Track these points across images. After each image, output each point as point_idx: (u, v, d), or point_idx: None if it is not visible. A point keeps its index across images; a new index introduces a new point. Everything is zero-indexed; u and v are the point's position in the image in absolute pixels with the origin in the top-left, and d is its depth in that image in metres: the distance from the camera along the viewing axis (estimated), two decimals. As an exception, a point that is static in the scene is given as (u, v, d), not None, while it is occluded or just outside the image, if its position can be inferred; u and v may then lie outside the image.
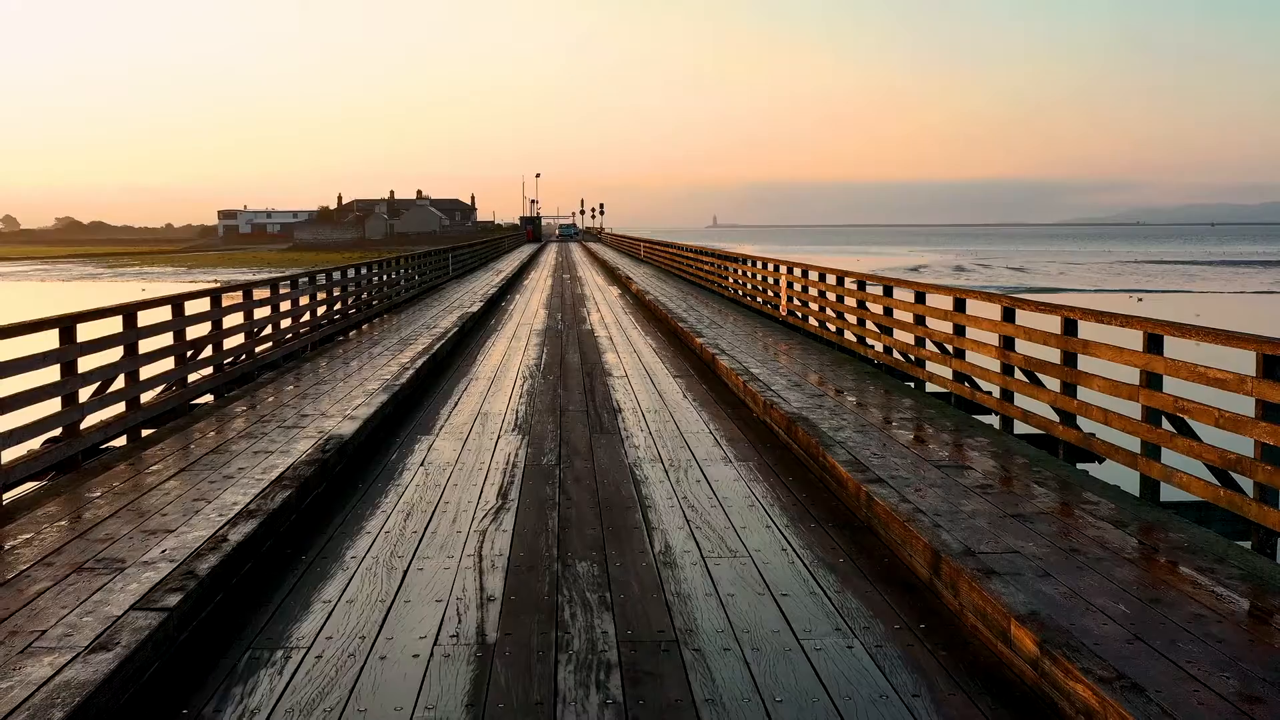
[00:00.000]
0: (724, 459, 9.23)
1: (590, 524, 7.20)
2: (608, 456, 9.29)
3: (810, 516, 7.43)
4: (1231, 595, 5.51)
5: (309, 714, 4.41)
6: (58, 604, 5.43)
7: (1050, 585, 5.53)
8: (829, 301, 16.78)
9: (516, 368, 15.06)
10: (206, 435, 9.73)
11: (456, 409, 11.75)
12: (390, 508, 7.65)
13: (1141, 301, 54.71)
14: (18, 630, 5.09)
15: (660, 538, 6.87)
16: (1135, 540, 6.47)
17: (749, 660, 4.93)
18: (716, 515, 7.39)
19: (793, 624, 5.38)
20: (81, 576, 5.87)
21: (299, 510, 7.45)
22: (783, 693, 4.59)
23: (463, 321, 20.09)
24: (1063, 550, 6.17)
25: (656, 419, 11.05)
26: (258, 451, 8.91)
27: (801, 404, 10.80)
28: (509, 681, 4.71)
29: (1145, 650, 4.74)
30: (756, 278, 23.23)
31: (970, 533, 6.39)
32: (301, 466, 8.11)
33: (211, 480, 7.94)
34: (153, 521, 6.89)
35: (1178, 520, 7.06)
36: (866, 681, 4.71)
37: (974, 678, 4.79)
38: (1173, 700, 4.17)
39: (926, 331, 12.31)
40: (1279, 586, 5.66)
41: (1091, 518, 6.91)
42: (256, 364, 13.81)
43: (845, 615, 5.52)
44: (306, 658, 4.99)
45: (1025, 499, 7.33)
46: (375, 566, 6.31)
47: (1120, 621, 5.07)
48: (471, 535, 6.92)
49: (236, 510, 6.99)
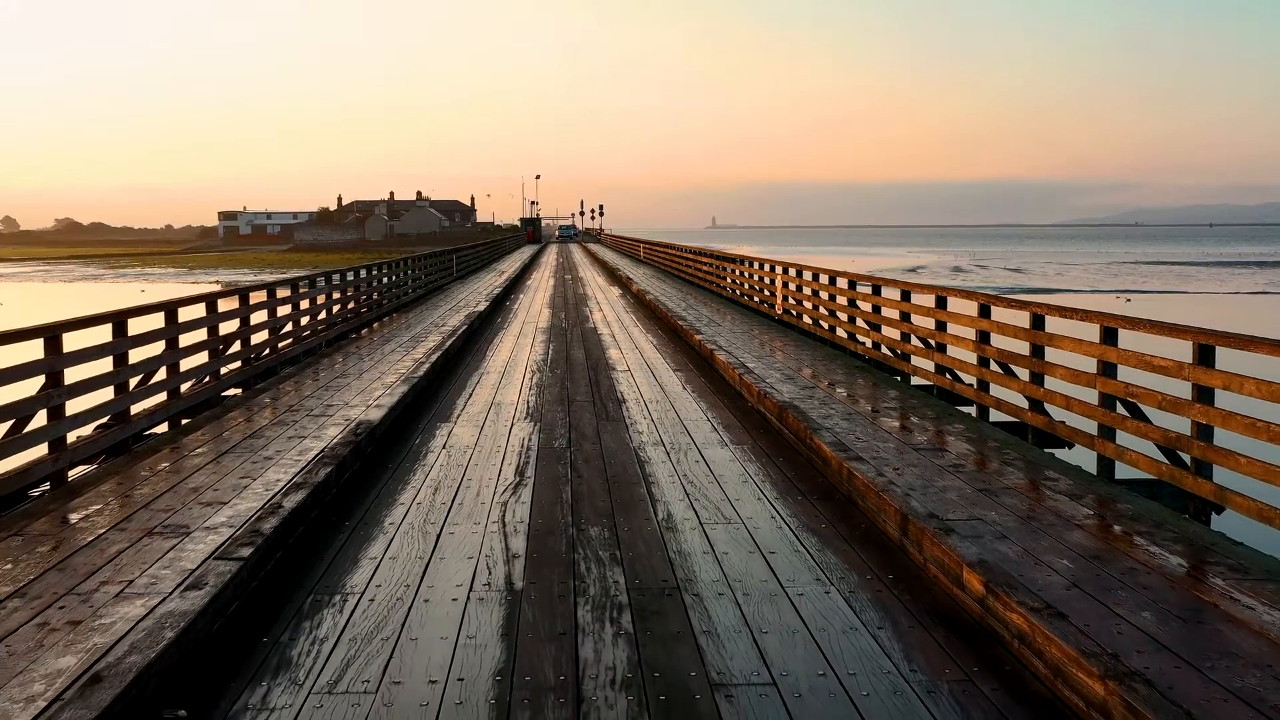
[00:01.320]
0: (720, 442, 10.05)
1: (600, 497, 8.02)
2: (614, 440, 10.11)
3: (798, 490, 8.26)
4: (1164, 554, 6.32)
5: (369, 642, 5.23)
6: (138, 560, 6.23)
7: (1005, 545, 6.34)
8: (822, 300, 17.60)
9: (525, 363, 15.88)
10: (241, 423, 10.54)
11: (471, 400, 12.57)
12: (419, 483, 8.48)
13: (1130, 302, 55.52)
14: (108, 580, 5.89)
15: (663, 508, 7.70)
16: (1087, 510, 7.27)
17: (740, 603, 5.75)
18: (713, 489, 8.22)
19: (779, 575, 6.20)
20: (153, 539, 6.68)
21: (338, 485, 8.27)
22: (768, 626, 5.41)
23: (470, 320, 20.90)
24: (1020, 517, 6.98)
25: (658, 408, 11.87)
26: (291, 437, 9.71)
27: (793, 394, 11.61)
28: (536, 618, 5.53)
29: (1079, 594, 5.55)
30: (753, 278, 24.05)
31: (939, 503, 7.20)
32: (337, 448, 8.93)
33: (253, 461, 8.74)
34: (206, 495, 7.69)
35: (1128, 494, 7.87)
36: (840, 618, 5.53)
37: (931, 615, 5.61)
38: (1092, 626, 4.99)
39: (911, 327, 13.13)
40: (1205, 546, 6.47)
41: (1051, 492, 7.72)
42: (279, 359, 14.62)
43: (824, 569, 6.34)
44: (361, 600, 5.81)
45: (993, 476, 8.14)
46: (411, 531, 7.14)
47: (1062, 574, 5.88)
48: (494, 506, 7.75)
49: (284, 484, 7.81)
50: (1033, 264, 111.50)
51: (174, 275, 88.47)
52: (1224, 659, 4.67)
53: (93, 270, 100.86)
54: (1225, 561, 6.19)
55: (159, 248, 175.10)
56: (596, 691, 4.66)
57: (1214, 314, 48.04)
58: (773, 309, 21.25)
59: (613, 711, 4.48)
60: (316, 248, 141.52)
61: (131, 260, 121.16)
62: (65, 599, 5.56)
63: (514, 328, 21.41)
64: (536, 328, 21.25)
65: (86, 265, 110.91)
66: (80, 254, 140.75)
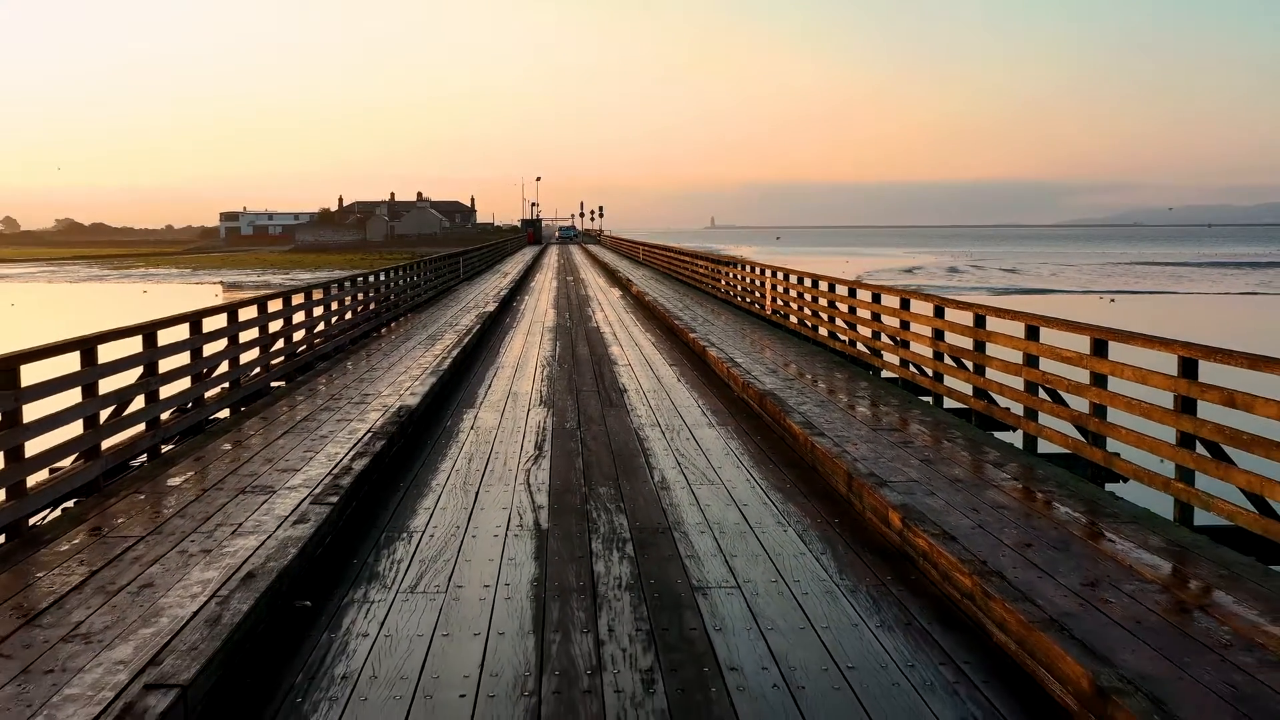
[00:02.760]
0: (708, 424, 11.73)
1: (606, 465, 9.69)
2: (617, 422, 11.78)
3: (770, 460, 9.93)
4: (1058, 506, 7.96)
5: (434, 562, 6.90)
6: (241, 510, 7.88)
7: (930, 498, 7.98)
8: (805, 301, 19.28)
9: (535, 358, 17.55)
10: (292, 410, 12.18)
11: (490, 390, 14.24)
12: (456, 455, 10.16)
13: (1114, 302, 57.19)
14: (222, 524, 7.53)
15: (658, 473, 9.37)
16: (1006, 475, 8.91)
17: (717, 538, 7.41)
18: (700, 460, 9.89)
19: (748, 519, 7.88)
20: (247, 496, 8.32)
21: (389, 456, 9.93)
22: (737, 553, 7.08)
23: (482, 320, 22.55)
24: (948, 480, 8.62)
25: (655, 396, 13.54)
26: (339, 420, 11.36)
27: (774, 385, 13.27)
28: (559, 547, 7.20)
29: (979, 531, 7.19)
30: (745, 280, 25.73)
31: (882, 469, 8.86)
32: (386, 426, 10.61)
33: (311, 439, 10.39)
34: (280, 464, 9.34)
35: (1046, 464, 9.51)
36: (792, 547, 7.20)
37: (862, 545, 7.29)
38: (977, 547, 6.64)
39: (881, 326, 14.81)
40: (1094, 500, 8.12)
41: (980, 461, 9.36)
42: (314, 354, 16.28)
43: (785, 515, 8.02)
44: (423, 536, 7.49)
45: (934, 450, 9.80)
46: (454, 490, 8.81)
47: (970, 518, 7.52)
48: (519, 472, 9.43)
49: (347, 454, 9.47)
50: (1029, 265, 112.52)
51: (178, 276, 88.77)
52: (1073, 570, 6.32)
53: (97, 271, 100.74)
54: (1105, 511, 7.84)
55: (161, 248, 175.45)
56: (608, 592, 6.33)
57: (1193, 315, 49.70)
58: (763, 310, 22.91)
59: (620, 603, 6.14)
60: (318, 248, 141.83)
61: (135, 261, 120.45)
62: (192, 536, 7.21)
63: (523, 326, 23.08)
64: (544, 327, 22.92)
65: (90, 266, 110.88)
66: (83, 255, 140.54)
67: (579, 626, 5.80)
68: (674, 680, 5.11)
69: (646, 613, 6.00)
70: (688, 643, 5.57)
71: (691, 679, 5.13)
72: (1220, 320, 48.04)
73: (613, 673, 5.19)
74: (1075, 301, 58.59)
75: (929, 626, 5.84)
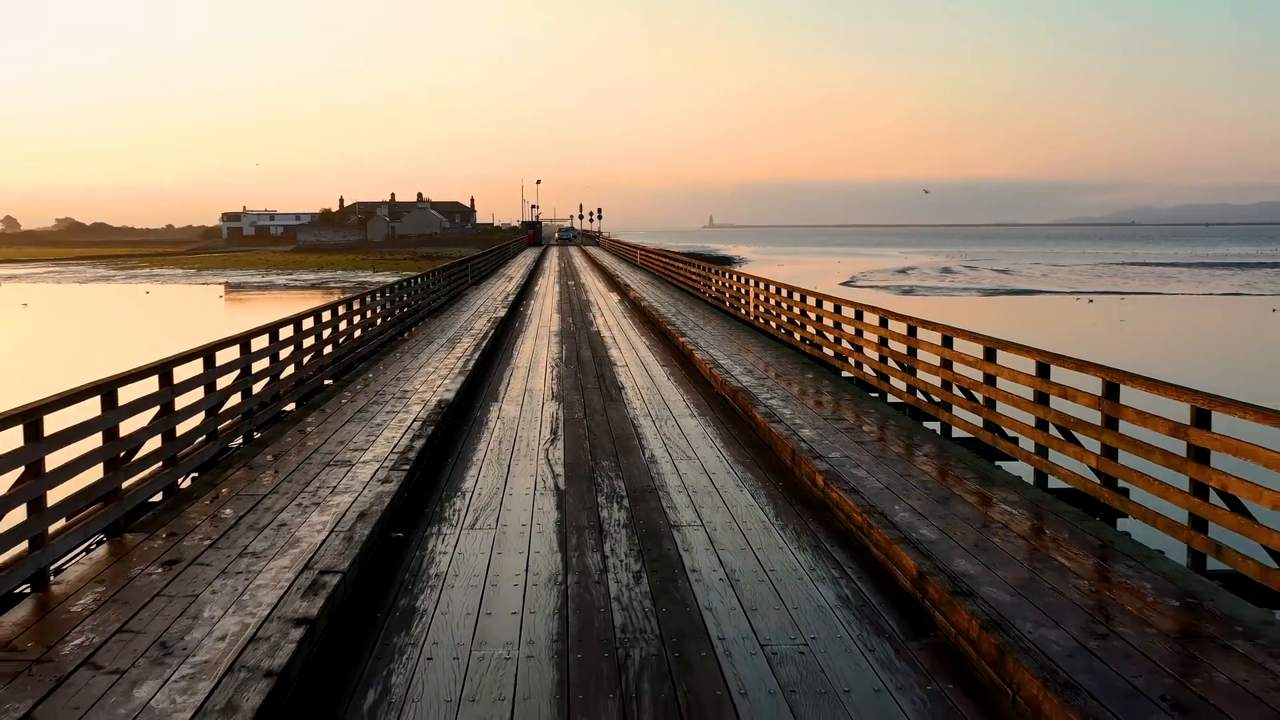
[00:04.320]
0: (690, 415, 14.36)
1: (607, 446, 12.31)
2: (616, 413, 14.40)
3: (737, 442, 12.56)
4: (959, 479, 10.54)
5: (483, 511, 9.53)
6: (331, 477, 10.46)
7: (857, 470, 10.55)
8: (783, 309, 21.89)
9: (545, 359, 20.18)
10: (346, 404, 14.75)
11: (509, 387, 16.87)
12: (489, 438, 12.80)
13: (1092, 302, 59.70)
14: (321, 486, 10.12)
15: (648, 451, 11.99)
16: (924, 455, 11.47)
17: (690, 495, 10.04)
18: (682, 441, 12.52)
19: (714, 483, 10.51)
20: (331, 468, 10.90)
21: (436, 439, 12.54)
22: (704, 505, 9.70)
23: (494, 324, 25.17)
24: (875, 456, 11.20)
25: (648, 393, 16.17)
26: (389, 411, 13.95)
27: (749, 383, 15.87)
28: (574, 500, 9.83)
29: (886, 492, 9.75)
30: (732, 288, 28.36)
31: (824, 448, 11.44)
32: (432, 414, 13.23)
33: (370, 426, 12.96)
34: (351, 446, 11.91)
35: (957, 447, 12.05)
36: (745, 499, 9.84)
37: (796, 500, 9.93)
38: (875, 495, 9.25)
39: (840, 333, 17.42)
40: (983, 470, 10.71)
41: (907, 446, 11.92)
42: (355, 357, 18.89)
43: (742, 481, 10.65)
44: (473, 494, 10.12)
45: (872, 435, 12.39)
46: (491, 463, 11.44)
47: (880, 480, 10.08)
48: (540, 450, 12.05)
49: (404, 436, 12.08)
50: (1022, 265, 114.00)
51: (183, 276, 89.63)
52: (941, 515, 8.91)
53: (103, 271, 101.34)
54: (994, 480, 10.44)
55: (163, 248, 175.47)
56: (609, 528, 8.95)
57: (1162, 317, 52.15)
58: (748, 315, 25.53)
59: (618, 535, 8.76)
60: (320, 249, 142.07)
61: (139, 262, 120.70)
62: (300, 496, 9.78)
63: (531, 331, 25.70)
64: (550, 331, 25.54)
65: (95, 266, 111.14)
66: (88, 255, 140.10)
67: (590, 548, 8.43)
68: (654, 577, 7.74)
69: (637, 540, 8.63)
70: (665, 556, 8.20)
71: (666, 576, 7.75)
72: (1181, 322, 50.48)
73: (614, 573, 7.82)
74: (1060, 301, 61.04)
75: (831, 548, 8.48)
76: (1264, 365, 35.16)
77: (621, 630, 6.73)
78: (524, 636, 6.64)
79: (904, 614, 7.10)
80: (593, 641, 6.56)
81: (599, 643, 6.54)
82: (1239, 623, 6.44)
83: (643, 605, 7.18)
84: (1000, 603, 6.70)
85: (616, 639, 6.58)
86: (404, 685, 5.99)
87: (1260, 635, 6.25)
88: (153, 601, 6.90)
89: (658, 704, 5.71)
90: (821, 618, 6.97)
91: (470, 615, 7.03)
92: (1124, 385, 8.97)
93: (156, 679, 5.75)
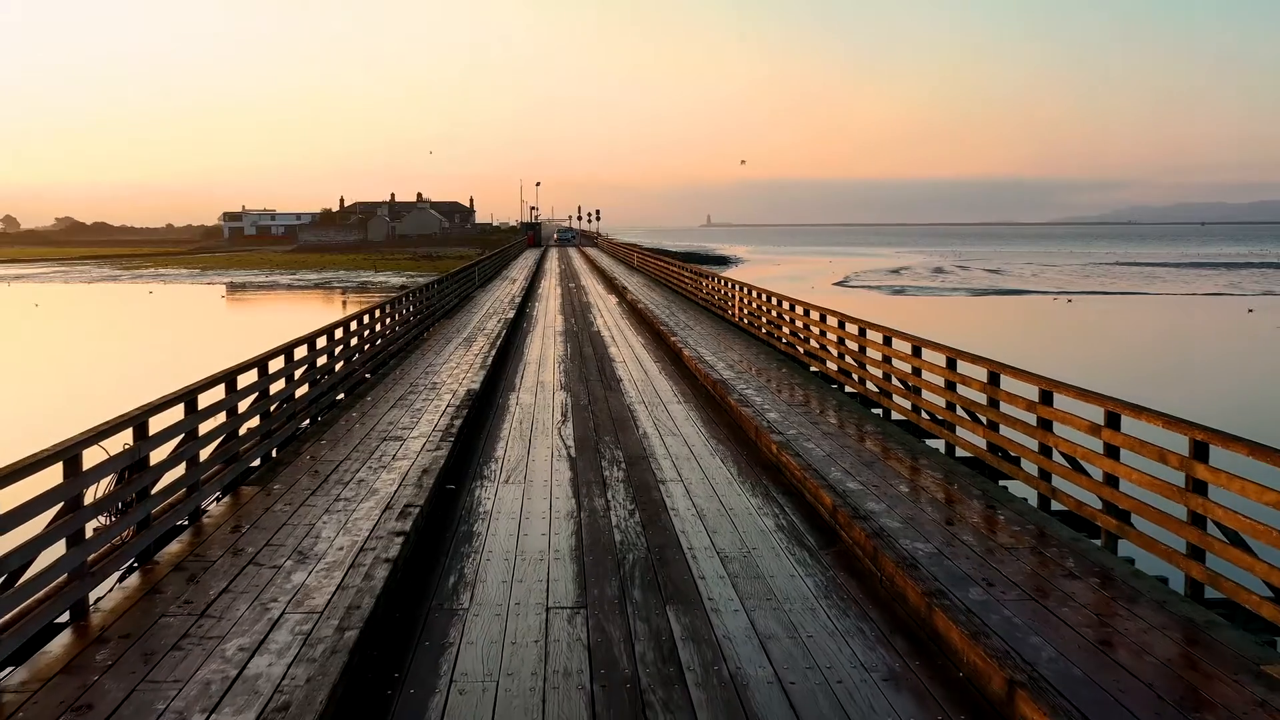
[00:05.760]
0: (677, 402, 17.18)
1: (608, 426, 15.12)
2: (615, 401, 17.21)
3: (715, 423, 15.39)
4: (884, 447, 13.34)
5: (514, 470, 12.35)
6: (389, 447, 13.25)
7: (806, 441, 13.34)
8: (764, 311, 24.70)
9: (552, 356, 22.99)
10: (386, 393, 17.54)
11: (523, 379, 19.69)
12: (511, 420, 15.62)
13: (1071, 303, 62.42)
14: (383, 455, 12.90)
15: (641, 429, 14.82)
16: (869, 433, 14.29)
17: (674, 461, 12.85)
18: (669, 422, 15.35)
19: (693, 451, 13.34)
20: (387, 442, 13.68)
21: (469, 419, 15.34)
22: (684, 468, 12.51)
23: (504, 325, 27.96)
24: (824, 432, 14.00)
25: (642, 384, 18.98)
26: (424, 400, 16.73)
27: (728, 376, 18.67)
28: (583, 465, 12.65)
29: (827, 458, 12.55)
30: (719, 291, 31.18)
31: (783, 427, 14.22)
32: (464, 401, 16.03)
33: (412, 410, 15.75)
34: (400, 425, 14.70)
35: (902, 433, 14.86)
36: (716, 462, 12.67)
37: (755, 464, 12.76)
38: (816, 461, 12.05)
39: (811, 333, 20.23)
40: (910, 445, 13.50)
41: (857, 427, 14.72)
42: (387, 354, 21.68)
43: (715, 451, 13.47)
44: (504, 460, 12.94)
45: (826, 418, 15.20)
46: (515, 438, 14.26)
47: (825, 451, 12.86)
48: (553, 428, 14.87)
49: (443, 416, 14.87)
50: (1013, 265, 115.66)
51: (188, 276, 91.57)
52: (867, 474, 11.69)
53: (109, 271, 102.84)
54: (919, 450, 13.25)
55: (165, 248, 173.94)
56: (611, 482, 11.77)
57: (1137, 314, 54.81)
58: (733, 316, 28.33)
59: (617, 488, 11.57)
60: (321, 248, 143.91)
61: (143, 261, 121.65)
62: (369, 461, 12.56)
63: (538, 331, 28.51)
64: (555, 331, 28.36)
65: (101, 266, 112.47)
66: (92, 255, 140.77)
67: (596, 495, 11.25)
68: (644, 513, 10.55)
69: (632, 491, 11.44)
70: (652, 501, 11.02)
71: (652, 513, 10.57)
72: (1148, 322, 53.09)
73: (614, 511, 10.63)
74: (1041, 301, 63.75)
75: (777, 495, 11.31)
76: (1210, 365, 37.86)
77: (620, 544, 9.55)
78: (551, 547, 9.46)
79: (821, 534, 9.93)
80: (600, 550, 9.38)
81: (604, 550, 9.37)
82: (1053, 540, 9.27)
83: (635, 530, 10.00)
84: (888, 527, 9.50)
85: (617, 548, 9.41)
86: (473, 573, 8.81)
87: (1051, 541, 9.07)
88: (283, 529, 9.68)
89: (645, 583, 8.52)
90: (762, 537, 9.80)
91: (512, 535, 9.86)
92: (1004, 375, 11.80)
93: (305, 570, 8.54)
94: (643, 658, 7.05)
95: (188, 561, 8.77)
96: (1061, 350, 39.23)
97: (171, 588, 8.10)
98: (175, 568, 8.61)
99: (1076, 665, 6.52)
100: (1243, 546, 7.48)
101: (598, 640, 7.34)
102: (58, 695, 6.25)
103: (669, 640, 7.34)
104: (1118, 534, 9.14)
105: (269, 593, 7.96)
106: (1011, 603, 7.61)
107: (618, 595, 8.24)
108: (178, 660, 6.71)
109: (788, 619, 7.73)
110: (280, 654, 6.79)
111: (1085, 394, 9.97)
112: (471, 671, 6.88)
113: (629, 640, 7.33)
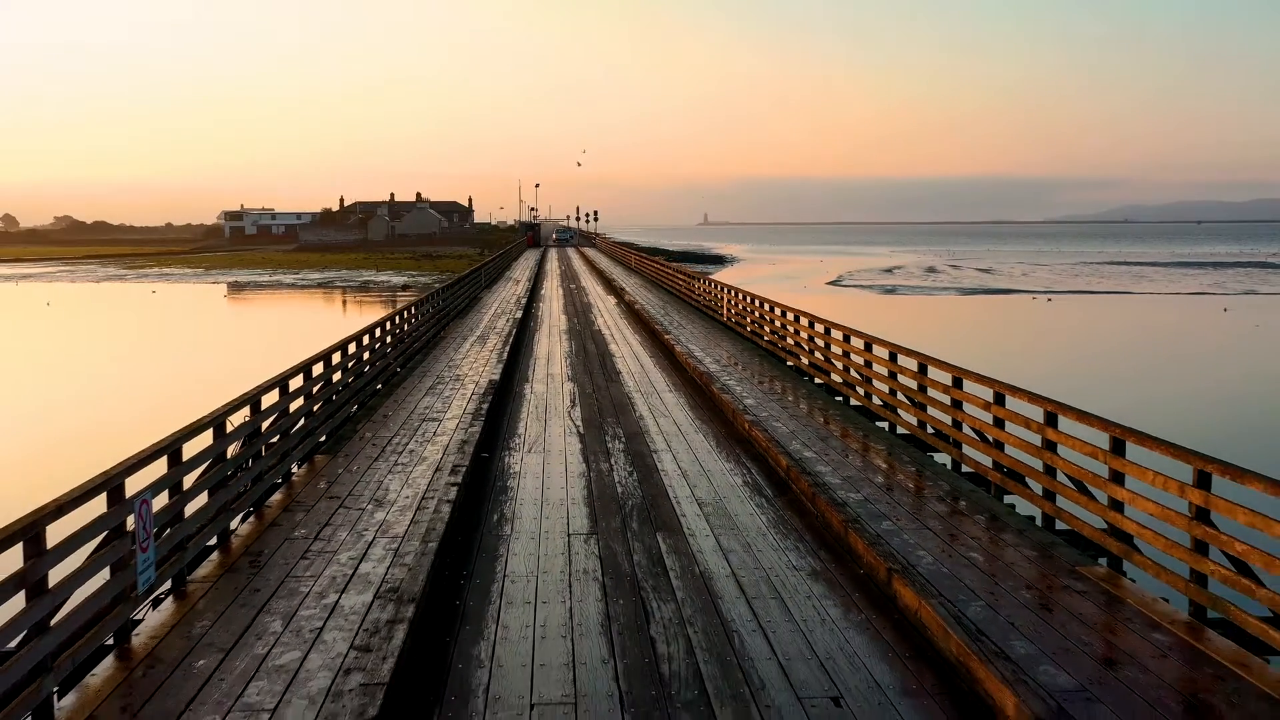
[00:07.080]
0: (669, 390, 20.00)
1: (610, 410, 17.93)
2: (616, 390, 20.02)
3: (701, 407, 18.21)
4: (845, 429, 16.13)
5: (535, 442, 15.17)
6: (428, 426, 16.02)
7: (775, 421, 16.12)
8: (748, 313, 27.50)
9: (559, 353, 25.80)
10: (416, 384, 20.31)
11: (535, 372, 22.50)
12: (528, 405, 18.44)
13: (1051, 301, 64.87)
14: (424, 434, 15.66)
15: (638, 412, 17.64)
16: (834, 418, 17.07)
17: (664, 436, 15.66)
18: (661, 407, 18.16)
19: (680, 429, 16.16)
20: (425, 423, 16.45)
21: (493, 404, 18.12)
22: (672, 441, 15.32)
23: (513, 324, 30.74)
24: (793, 416, 16.77)
25: (639, 376, 21.80)
26: (451, 389, 19.51)
27: (715, 369, 21.46)
28: (590, 439, 15.46)
29: (791, 434, 15.33)
30: (710, 293, 33.98)
31: (756, 410, 16.99)
32: (487, 390, 18.83)
33: (443, 398, 18.53)
34: (434, 409, 17.47)
35: (855, 414, 17.67)
36: (699, 438, 15.49)
37: (731, 437, 15.58)
38: (781, 436, 14.84)
39: (788, 333, 23.04)
40: (866, 428, 16.29)
41: (828, 416, 17.50)
42: (413, 351, 24.45)
43: (699, 428, 16.30)
44: (525, 435, 15.77)
45: (796, 404, 17.99)
46: (533, 420, 17.07)
47: (791, 429, 15.64)
48: (564, 412, 17.68)
49: (470, 402, 17.66)
50: (1005, 264, 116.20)
51: (192, 276, 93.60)
52: (827, 449, 14.47)
53: (113, 270, 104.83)
54: (876, 434, 16.02)
55: (166, 247, 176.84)
56: (613, 452, 14.59)
57: (1109, 313, 57.00)
58: (724, 317, 31.12)
59: (618, 456, 14.37)
60: (322, 248, 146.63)
61: (146, 261, 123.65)
62: (415, 436, 15.33)
63: (545, 330, 31.31)
64: (560, 330, 31.15)
65: (105, 266, 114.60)
66: (95, 254, 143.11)
67: (601, 461, 14.05)
68: (640, 473, 13.36)
69: (630, 458, 14.25)
70: (647, 466, 13.82)
71: (645, 473, 13.37)
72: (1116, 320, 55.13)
73: (616, 472, 13.44)
74: (1017, 301, 66.13)
75: (747, 462, 14.11)
76: (1166, 363, 40.48)
77: (621, 494, 12.37)
78: (569, 496, 12.28)
79: (777, 487, 12.76)
80: (606, 498, 12.19)
81: (609, 499, 12.17)
82: (964, 495, 12.07)
83: (633, 484, 12.82)
84: (829, 482, 12.29)
85: (619, 497, 12.22)
86: (510, 514, 11.63)
87: (961, 495, 11.89)
88: (358, 484, 12.45)
89: (642, 520, 11.32)
90: (731, 490, 12.62)
91: (538, 488, 12.68)
92: (930, 365, 14.60)
93: (383, 511, 11.31)
94: (639, 564, 9.86)
95: (292, 505, 11.56)
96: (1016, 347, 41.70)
97: (285, 523, 10.88)
98: (284, 509, 11.40)
99: (944, 566, 9.31)
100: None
101: (606, 553, 10.15)
102: (235, 582, 9.04)
103: (658, 553, 10.15)
104: (1002, 486, 11.94)
105: (360, 525, 10.74)
106: (910, 530, 10.40)
107: (620, 526, 11.05)
108: (307, 565, 9.49)
109: (744, 540, 10.55)
110: (379, 561, 9.57)
111: (981, 377, 12.75)
112: (517, 571, 9.69)
113: (629, 554, 10.14)
